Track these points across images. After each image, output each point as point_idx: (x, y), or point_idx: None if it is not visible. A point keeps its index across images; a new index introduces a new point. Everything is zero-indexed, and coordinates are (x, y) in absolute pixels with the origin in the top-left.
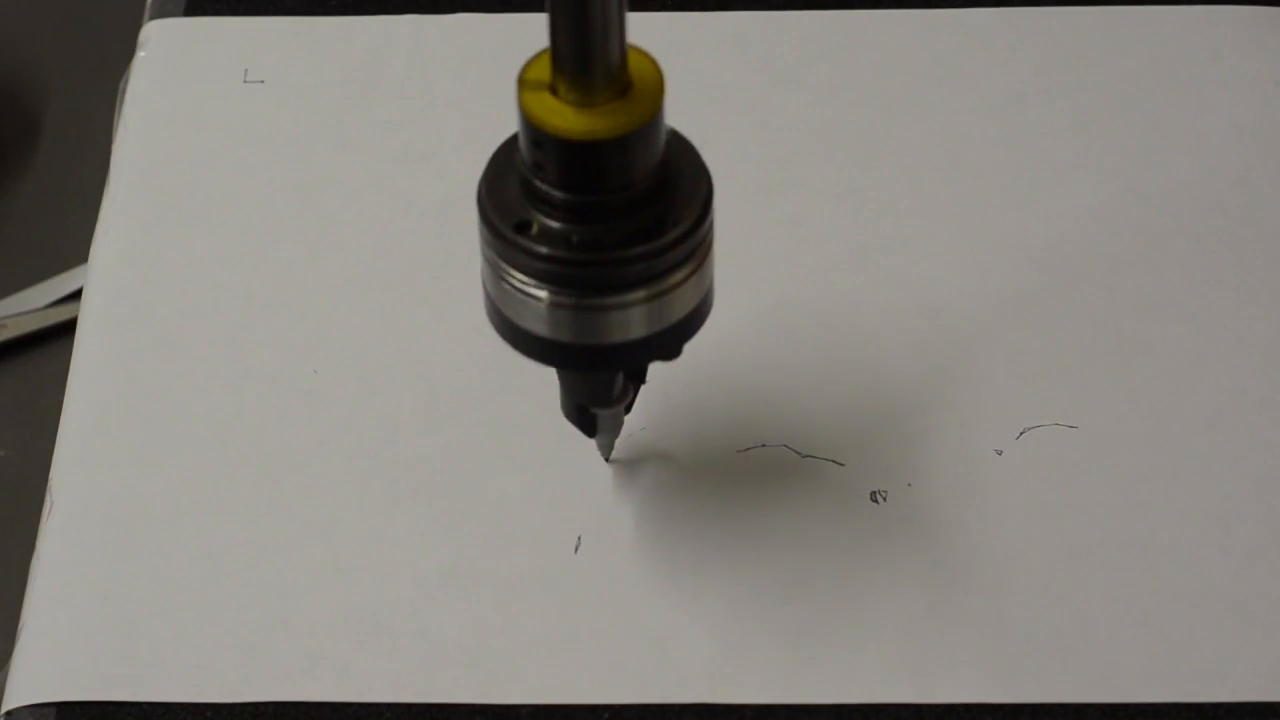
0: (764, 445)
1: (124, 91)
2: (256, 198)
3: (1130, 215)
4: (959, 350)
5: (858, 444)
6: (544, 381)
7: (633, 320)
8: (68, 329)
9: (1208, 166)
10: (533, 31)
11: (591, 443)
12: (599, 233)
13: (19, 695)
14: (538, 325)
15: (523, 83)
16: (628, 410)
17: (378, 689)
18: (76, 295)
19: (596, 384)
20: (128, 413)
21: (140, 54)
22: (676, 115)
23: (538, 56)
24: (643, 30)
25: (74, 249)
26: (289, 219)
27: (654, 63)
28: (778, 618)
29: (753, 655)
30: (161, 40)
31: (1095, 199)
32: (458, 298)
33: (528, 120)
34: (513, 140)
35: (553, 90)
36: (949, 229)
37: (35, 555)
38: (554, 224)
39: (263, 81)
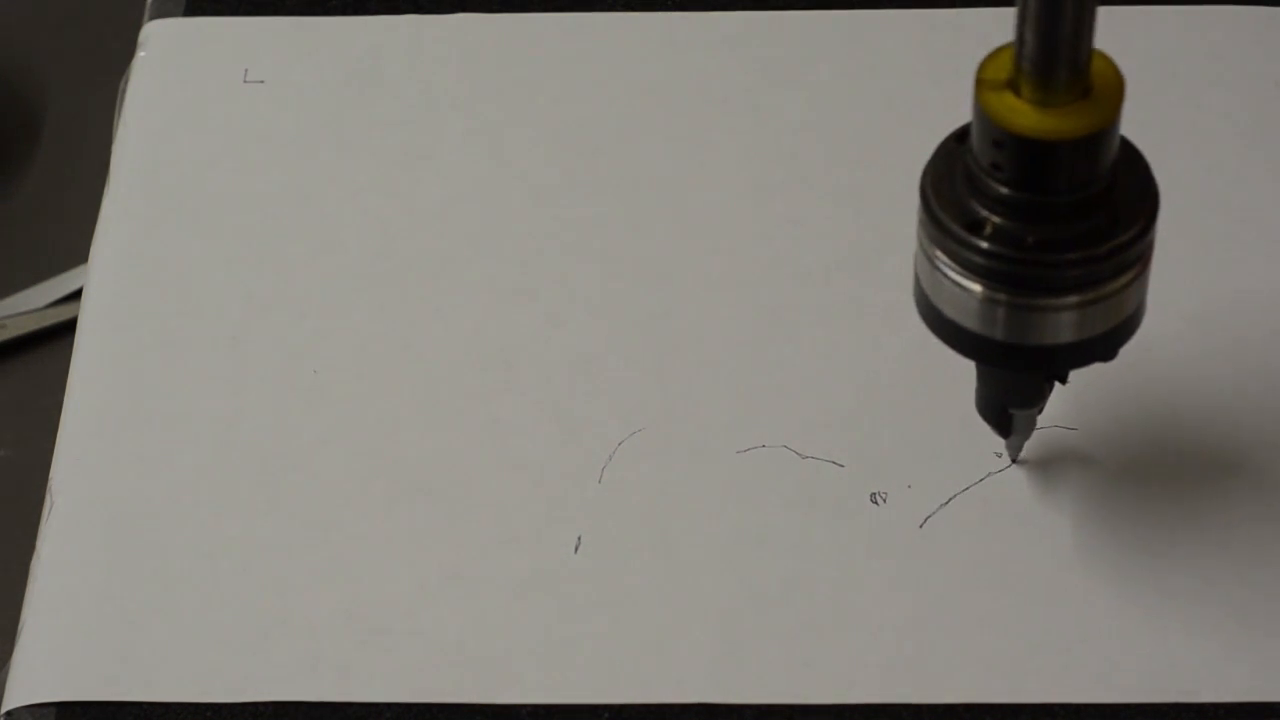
0: (764, 445)
1: (124, 91)
2: (256, 198)
3: None
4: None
5: (858, 444)
6: (543, 381)
7: (1068, 322)
8: (68, 329)
9: (1208, 166)
10: (533, 31)
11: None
12: (1050, 233)
13: (19, 695)
14: (971, 320)
15: (981, 82)
16: (1040, 411)
17: (378, 689)
18: (76, 295)
19: (1021, 384)
20: (128, 413)
21: (140, 54)
22: (676, 114)
23: (995, 54)
24: (643, 30)
25: (74, 249)
26: (289, 219)
27: (1114, 65)
28: (778, 618)
29: (753, 655)
30: (161, 40)
31: None
32: (458, 298)
33: (989, 119)
34: (955, 138)
35: (1014, 89)
36: None
37: (35, 555)
38: (1004, 222)
39: (263, 82)
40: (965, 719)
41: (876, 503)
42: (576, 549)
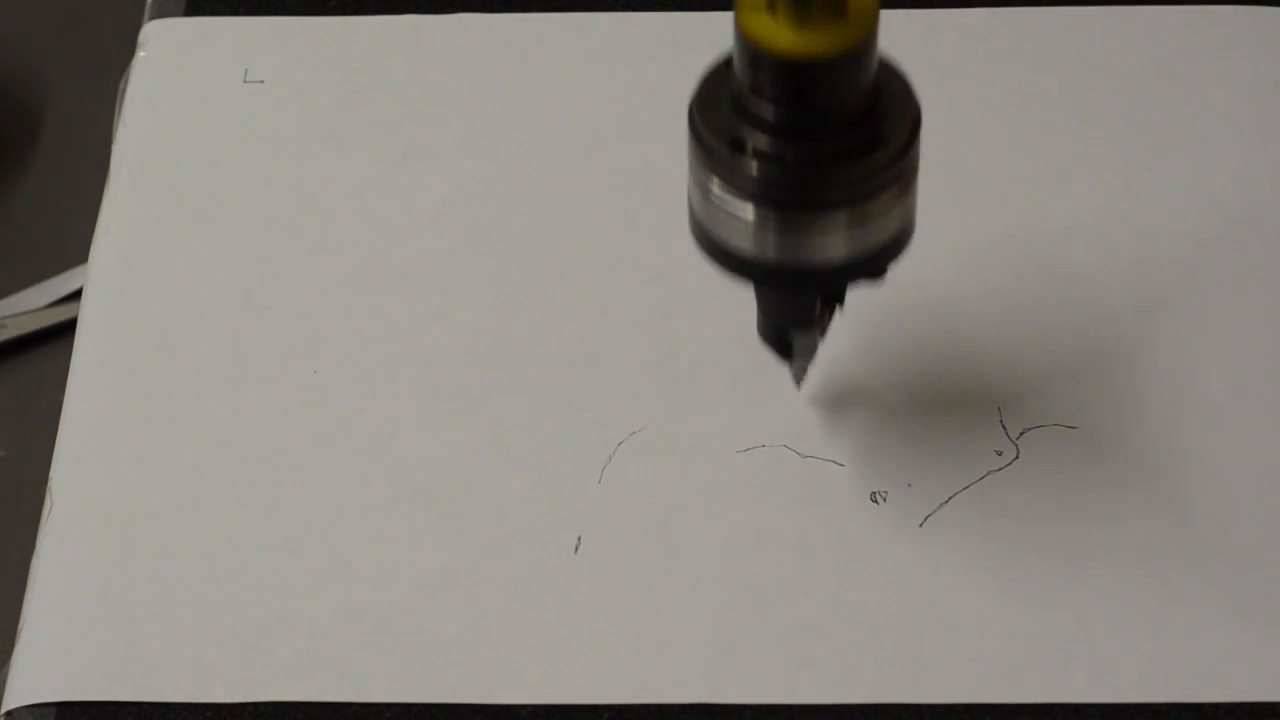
0: (764, 445)
1: (124, 91)
2: (256, 198)
3: (1130, 215)
4: (959, 350)
5: (858, 444)
6: (543, 381)
7: (836, 240)
8: (68, 329)
9: (1208, 166)
10: (533, 31)
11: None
12: (810, 151)
13: (19, 695)
14: (743, 243)
15: (741, 4)
16: (823, 335)
17: (378, 689)
18: (76, 295)
19: (797, 305)
20: (128, 413)
21: (140, 54)
22: (676, 114)
23: None
24: (643, 30)
25: (74, 249)
26: (289, 219)
27: None
28: (778, 618)
29: (753, 655)
30: (161, 40)
31: (1095, 199)
32: (458, 298)
33: (746, 40)
34: (725, 62)
35: (770, 9)
36: (949, 229)
37: (35, 555)
38: (767, 142)
39: (263, 81)
40: (965, 719)
41: (876, 502)
42: (576, 549)
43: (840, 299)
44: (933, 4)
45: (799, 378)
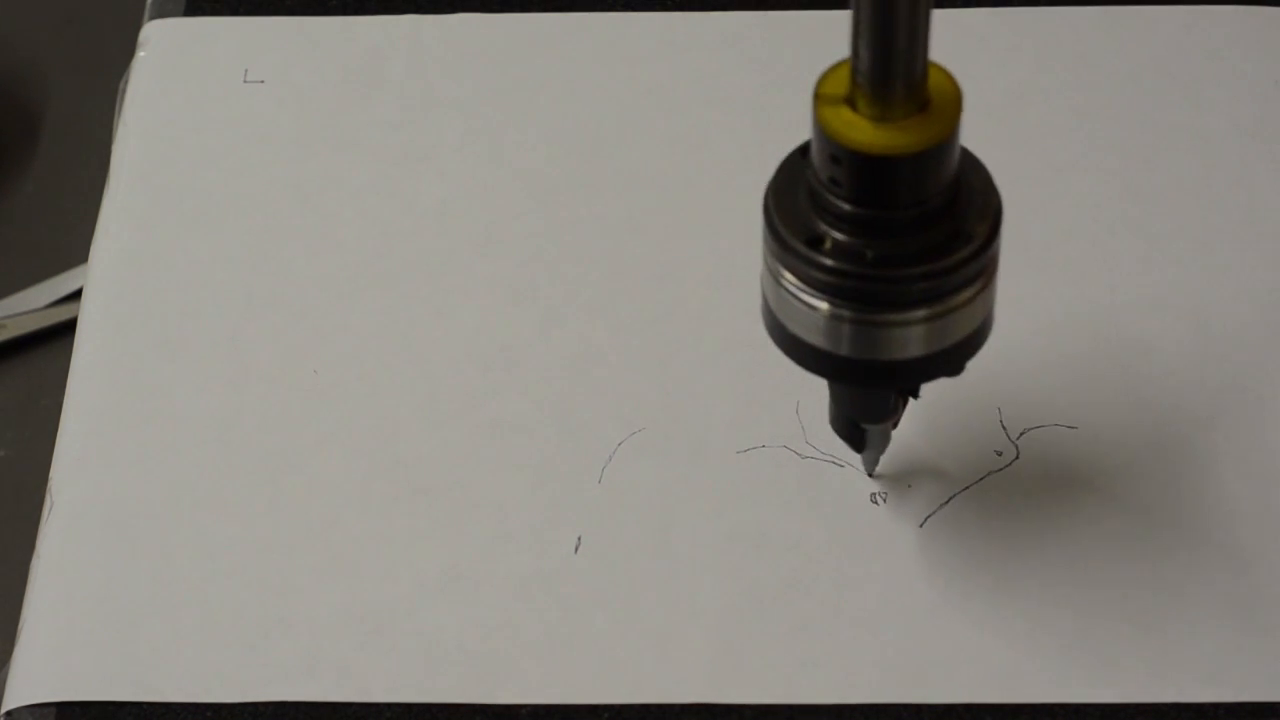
0: (764, 445)
1: (124, 91)
2: (256, 198)
3: (1130, 215)
4: None
5: None
6: (543, 381)
7: (914, 337)
8: (68, 329)
9: (1208, 166)
10: (533, 31)
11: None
12: (890, 248)
13: (19, 695)
14: (817, 337)
15: (819, 97)
16: (895, 425)
17: (378, 689)
18: (76, 295)
19: (871, 399)
20: (128, 413)
21: (140, 54)
22: (677, 114)
23: (834, 70)
24: (643, 30)
25: (74, 249)
26: (289, 219)
27: (952, 79)
28: (778, 618)
29: (753, 655)
30: (161, 40)
31: (1095, 199)
32: (458, 298)
33: (825, 134)
34: (800, 151)
35: (850, 104)
36: None
37: (35, 555)
38: (845, 238)
39: (263, 81)
40: (965, 719)
41: (876, 503)
42: (576, 549)
43: (915, 392)
44: (933, 4)
45: (870, 469)
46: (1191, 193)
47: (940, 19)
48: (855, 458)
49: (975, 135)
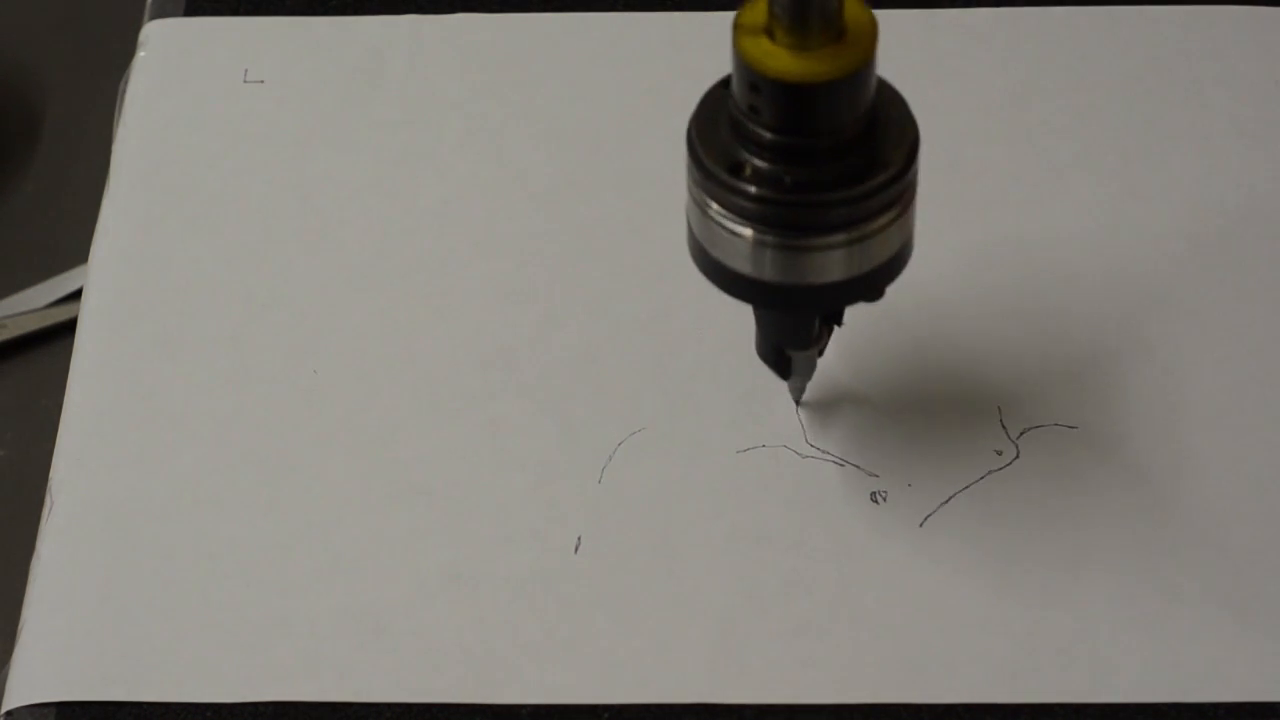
0: (764, 445)
1: (124, 91)
2: (256, 198)
3: (1130, 215)
4: (959, 350)
5: (858, 444)
6: (543, 381)
7: (835, 262)
8: (68, 329)
9: (1208, 166)
10: (533, 31)
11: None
12: (809, 175)
13: (19, 695)
14: (742, 264)
15: (739, 27)
16: (820, 353)
17: (378, 689)
18: (76, 295)
19: (795, 325)
20: (128, 413)
21: (140, 54)
22: (677, 114)
23: (753, 1)
24: (643, 30)
25: (74, 249)
26: (289, 219)
27: (868, 10)
28: (778, 618)
29: (753, 655)
30: (161, 40)
31: (1095, 199)
32: (458, 298)
33: (745, 63)
34: (723, 84)
35: (769, 34)
36: (949, 229)
37: (35, 555)
38: (765, 165)
39: (263, 81)
40: (965, 719)
41: (876, 502)
42: (576, 549)
43: (839, 319)
44: (933, 4)
45: (797, 396)
46: (1191, 193)
47: (940, 19)
48: (856, 457)
49: (975, 135)
